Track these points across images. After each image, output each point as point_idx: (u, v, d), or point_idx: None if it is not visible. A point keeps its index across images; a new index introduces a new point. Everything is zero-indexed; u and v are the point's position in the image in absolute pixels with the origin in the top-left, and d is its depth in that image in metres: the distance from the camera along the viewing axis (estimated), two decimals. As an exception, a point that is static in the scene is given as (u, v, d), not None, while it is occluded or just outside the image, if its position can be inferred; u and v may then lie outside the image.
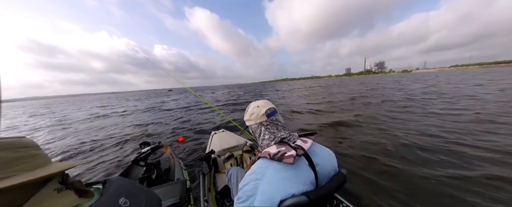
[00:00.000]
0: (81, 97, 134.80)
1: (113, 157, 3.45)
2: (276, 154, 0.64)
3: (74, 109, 17.67)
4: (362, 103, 7.74)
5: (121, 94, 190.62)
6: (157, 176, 1.64)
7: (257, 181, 0.61)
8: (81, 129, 6.71)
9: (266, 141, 0.76)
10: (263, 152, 0.70)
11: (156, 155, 2.17)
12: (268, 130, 0.76)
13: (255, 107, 0.80)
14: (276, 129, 0.76)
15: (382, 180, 2.02)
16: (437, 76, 37.18)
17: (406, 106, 6.24)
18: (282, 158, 0.61)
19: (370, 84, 22.78)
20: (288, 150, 0.64)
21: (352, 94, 11.91)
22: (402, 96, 8.87)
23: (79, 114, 11.91)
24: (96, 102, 29.83)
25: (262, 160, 0.68)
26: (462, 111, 4.87)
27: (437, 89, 10.83)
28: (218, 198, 1.45)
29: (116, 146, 4.15)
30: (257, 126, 0.78)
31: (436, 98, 7.40)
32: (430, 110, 5.26)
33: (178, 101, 16.46)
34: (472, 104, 5.80)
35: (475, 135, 3.10)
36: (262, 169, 0.64)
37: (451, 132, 3.34)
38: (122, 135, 5.15)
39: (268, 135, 0.76)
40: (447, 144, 2.80)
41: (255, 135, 0.82)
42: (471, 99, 6.72)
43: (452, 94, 8.22)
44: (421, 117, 4.64)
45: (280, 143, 0.72)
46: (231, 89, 48.51)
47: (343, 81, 51.49)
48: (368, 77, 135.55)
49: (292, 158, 0.60)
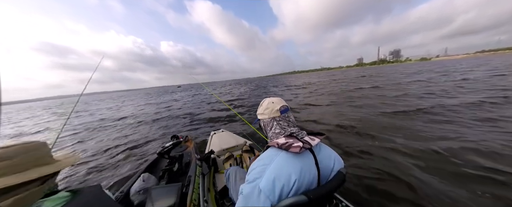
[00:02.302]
0: (98, 96, 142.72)
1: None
2: (283, 144, 0.68)
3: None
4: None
5: (135, 91, 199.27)
6: (178, 169, 1.70)
7: (265, 165, 0.65)
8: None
9: (277, 134, 0.79)
10: (272, 142, 0.75)
11: (181, 148, 2.22)
12: (279, 125, 0.80)
13: (270, 103, 0.83)
14: (287, 125, 0.79)
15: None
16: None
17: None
18: (289, 148, 0.65)
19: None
20: (296, 142, 0.68)
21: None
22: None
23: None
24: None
25: (271, 148, 0.72)
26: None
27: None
28: (218, 198, 1.47)
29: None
30: (270, 120, 0.82)
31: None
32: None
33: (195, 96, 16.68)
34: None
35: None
36: (270, 156, 0.68)
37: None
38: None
39: (279, 129, 0.79)
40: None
41: (266, 129, 0.86)
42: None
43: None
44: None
45: (289, 137, 0.74)
46: (236, 84, 48.06)
47: (369, 72, 32.67)
48: (385, 67, 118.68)
49: (298, 148, 0.64)
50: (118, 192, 1.33)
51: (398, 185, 1.83)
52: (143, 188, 1.32)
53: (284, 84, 24.80)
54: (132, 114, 9.23)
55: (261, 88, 19.35)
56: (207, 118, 6.13)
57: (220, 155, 2.13)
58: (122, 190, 1.34)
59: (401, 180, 1.88)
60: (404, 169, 2.06)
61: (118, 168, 2.98)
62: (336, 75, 38.22)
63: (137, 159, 3.24)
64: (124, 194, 1.30)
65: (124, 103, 19.12)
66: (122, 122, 7.21)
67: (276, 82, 32.47)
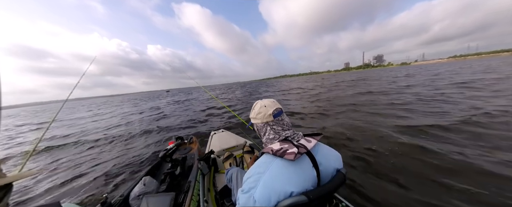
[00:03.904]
0: (80, 102, 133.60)
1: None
2: (278, 151, 0.66)
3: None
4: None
5: (120, 97, 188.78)
6: (180, 173, 1.67)
7: (259, 174, 0.63)
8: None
9: (271, 139, 0.77)
10: (266, 148, 0.73)
11: (185, 150, 2.16)
12: (273, 130, 0.77)
13: (262, 107, 0.80)
14: (281, 129, 0.77)
15: None
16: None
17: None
18: (283, 154, 0.63)
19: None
20: (290, 148, 0.66)
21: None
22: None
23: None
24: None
25: (266, 155, 0.70)
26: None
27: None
28: (218, 198, 1.45)
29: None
30: (263, 125, 0.80)
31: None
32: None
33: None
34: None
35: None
36: (265, 164, 0.66)
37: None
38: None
39: (273, 134, 0.77)
40: None
41: (259, 133, 0.85)
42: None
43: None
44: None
45: (284, 141, 0.72)
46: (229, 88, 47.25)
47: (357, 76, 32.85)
48: (370, 71, 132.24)
49: (293, 155, 0.62)
50: (118, 196, 1.31)
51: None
52: (143, 192, 1.30)
53: (278, 88, 23.02)
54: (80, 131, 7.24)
55: (254, 95, 17.19)
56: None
57: (220, 155, 2.11)
58: (122, 194, 1.32)
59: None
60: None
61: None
62: (330, 78, 39.16)
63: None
64: (123, 199, 1.28)
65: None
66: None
67: (269, 87, 31.90)
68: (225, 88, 58.23)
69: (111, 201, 1.20)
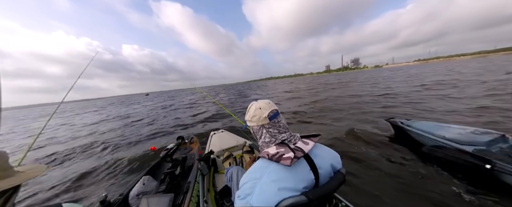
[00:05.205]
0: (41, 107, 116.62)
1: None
2: (274, 155, 0.64)
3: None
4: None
5: (92, 101, 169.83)
6: (180, 173, 1.66)
7: (255, 180, 0.62)
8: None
9: (267, 143, 0.75)
10: (262, 152, 0.71)
11: (186, 150, 2.17)
12: (269, 133, 0.75)
13: (257, 109, 0.77)
14: (278, 131, 0.75)
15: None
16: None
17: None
18: (280, 159, 0.62)
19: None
20: (287, 152, 0.64)
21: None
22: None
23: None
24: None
25: (262, 160, 0.68)
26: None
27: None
28: (218, 198, 1.45)
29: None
30: (259, 128, 0.77)
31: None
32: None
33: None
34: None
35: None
36: (261, 169, 0.64)
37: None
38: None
39: (269, 137, 0.75)
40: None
41: (255, 136, 0.82)
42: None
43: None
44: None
45: (280, 145, 0.71)
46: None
47: (339, 78, 34.68)
48: (348, 73, 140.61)
49: (289, 160, 0.60)
50: (118, 195, 1.30)
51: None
52: (142, 192, 1.31)
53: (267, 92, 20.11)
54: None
55: (242, 97, 15.82)
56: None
57: (220, 155, 2.10)
58: (122, 193, 1.32)
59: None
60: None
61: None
62: (315, 80, 39.48)
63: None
64: (123, 198, 1.28)
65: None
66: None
67: (256, 89, 30.53)
68: (210, 90, 56.21)
69: (111, 200, 1.20)
